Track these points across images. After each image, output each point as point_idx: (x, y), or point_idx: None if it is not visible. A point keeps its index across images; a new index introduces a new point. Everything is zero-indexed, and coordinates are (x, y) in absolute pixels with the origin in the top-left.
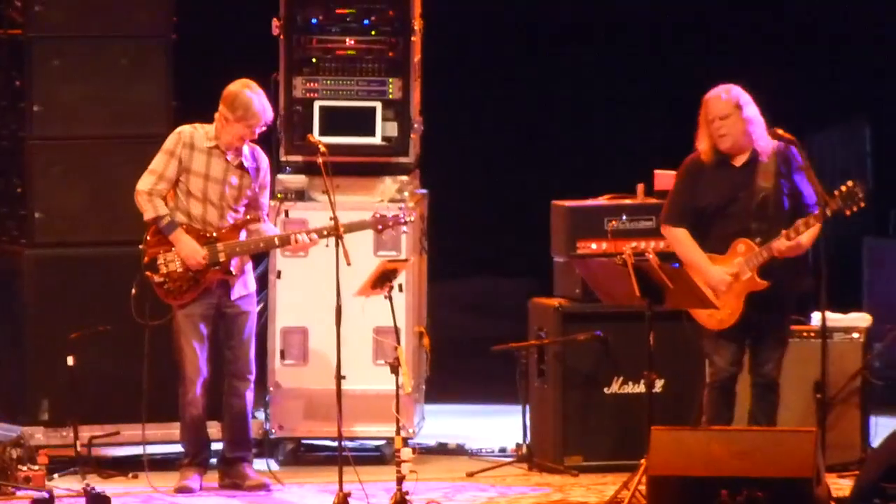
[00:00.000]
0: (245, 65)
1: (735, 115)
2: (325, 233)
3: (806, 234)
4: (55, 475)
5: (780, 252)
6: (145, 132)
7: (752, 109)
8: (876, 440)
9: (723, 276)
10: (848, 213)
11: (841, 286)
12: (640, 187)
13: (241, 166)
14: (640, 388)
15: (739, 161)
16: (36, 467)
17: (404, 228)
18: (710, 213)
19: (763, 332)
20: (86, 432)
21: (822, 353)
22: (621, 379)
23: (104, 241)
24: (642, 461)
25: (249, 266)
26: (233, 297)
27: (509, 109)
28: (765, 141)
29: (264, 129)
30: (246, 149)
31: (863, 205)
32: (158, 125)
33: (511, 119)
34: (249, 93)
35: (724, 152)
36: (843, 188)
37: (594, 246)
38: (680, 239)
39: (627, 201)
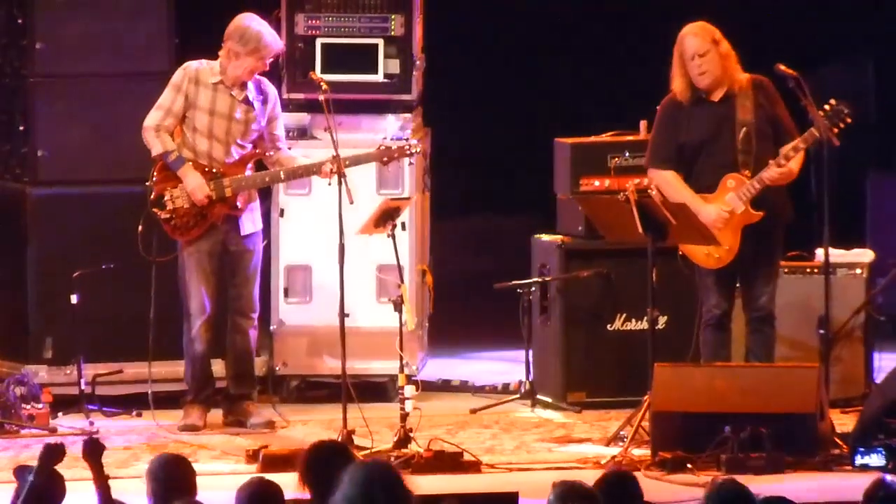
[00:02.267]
0: (247, 2)
1: (713, 51)
2: (330, 165)
3: (795, 160)
4: (59, 413)
5: (772, 181)
6: (147, 69)
7: (725, 44)
8: (879, 376)
9: (720, 213)
10: (835, 130)
11: (844, 221)
12: (643, 124)
13: (246, 101)
14: (643, 324)
15: (717, 96)
16: (40, 406)
17: (410, 159)
18: (693, 150)
19: (755, 267)
20: (90, 370)
21: (826, 288)
22: (624, 315)
23: (107, 179)
24: (645, 397)
25: (256, 203)
26: (242, 233)
27: (512, 47)
28: (739, 73)
29: (272, 59)
30: (251, 83)
31: (849, 121)
32: (160, 62)
33: (513, 56)
34: (257, 24)
35: (703, 90)
36: (827, 107)
37: (597, 183)
38: (668, 180)
39: (630, 138)
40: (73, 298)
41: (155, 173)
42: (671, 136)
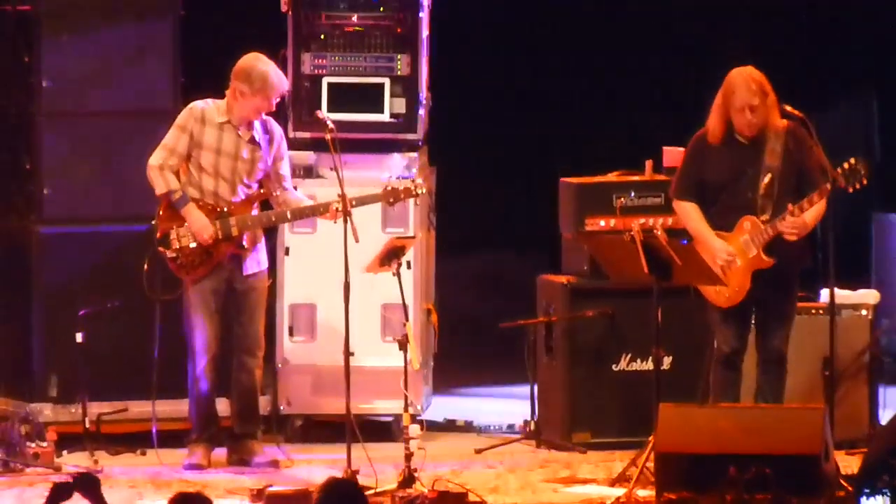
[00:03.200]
0: (253, 41)
1: (763, 104)
2: (336, 205)
3: (810, 213)
4: (64, 452)
5: (785, 230)
6: (153, 108)
7: (772, 94)
8: (884, 417)
9: (724, 247)
10: (850, 190)
11: (849, 262)
12: (649, 164)
13: (252, 140)
14: (648, 364)
15: (748, 138)
16: (45, 444)
17: (416, 201)
18: (715, 188)
19: (769, 308)
20: (94, 408)
21: (831, 329)
22: (629, 355)
23: (112, 217)
24: (650, 438)
25: (262, 242)
26: (245, 273)
27: (517, 86)
28: (778, 120)
29: (278, 99)
30: (257, 123)
31: (865, 182)
32: (166, 101)
33: (519, 96)
34: (263, 64)
35: (740, 133)
36: (846, 165)
37: (602, 223)
38: (688, 212)
39: (636, 178)
40: (78, 336)
41: (160, 212)
42: (696, 172)
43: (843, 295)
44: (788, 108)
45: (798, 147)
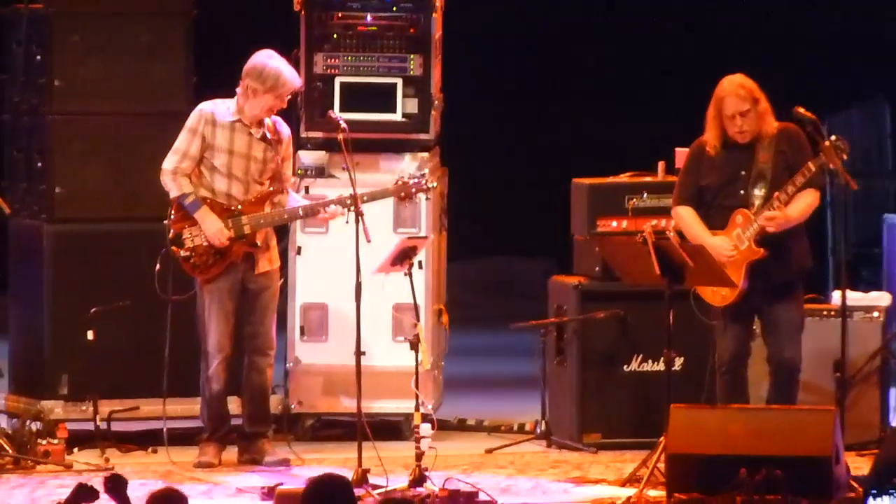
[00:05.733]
0: (265, 41)
1: (753, 110)
2: (348, 202)
3: (795, 206)
4: (75, 449)
5: (763, 222)
6: (165, 108)
7: (764, 100)
8: (895, 419)
9: (723, 243)
10: (832, 165)
11: (861, 265)
12: (661, 165)
13: (264, 138)
14: (660, 366)
15: (743, 142)
16: (56, 441)
17: (427, 196)
18: (712, 191)
19: (775, 320)
20: (105, 407)
21: (842, 331)
22: (640, 357)
23: (124, 217)
24: (661, 439)
25: (274, 241)
26: (257, 272)
27: (530, 88)
28: (772, 124)
29: (290, 97)
30: (268, 121)
31: (845, 157)
32: (178, 102)
33: (531, 97)
34: (275, 62)
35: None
36: (827, 143)
37: (614, 224)
38: (682, 216)
39: (648, 179)
40: (90, 335)
41: (173, 212)
42: (695, 180)
43: (855, 297)
44: (801, 109)
45: (791, 147)
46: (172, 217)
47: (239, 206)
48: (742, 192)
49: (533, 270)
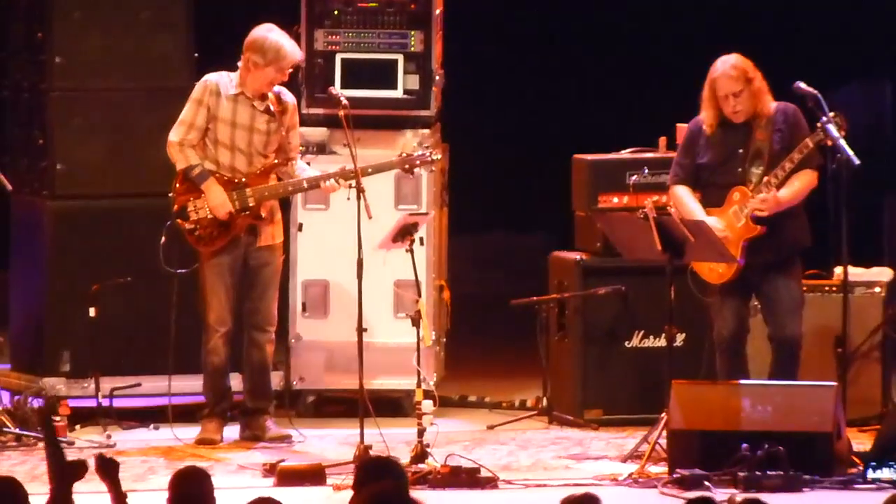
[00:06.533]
0: (266, 17)
1: (747, 90)
2: (352, 175)
3: (787, 190)
4: (77, 426)
5: (754, 204)
6: (166, 84)
7: (758, 78)
8: None
9: (715, 223)
10: (829, 143)
11: (862, 240)
12: (662, 141)
13: (267, 111)
14: (661, 342)
15: (740, 120)
16: (58, 418)
17: (431, 168)
18: (709, 170)
19: (775, 297)
20: (107, 384)
21: (844, 307)
22: (642, 333)
23: (125, 193)
24: (662, 415)
25: (279, 216)
26: (259, 244)
27: (530, 63)
28: (768, 103)
29: (291, 70)
30: (271, 94)
31: (843, 133)
32: (180, 77)
33: (532, 73)
34: (276, 35)
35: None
36: (825, 118)
37: (616, 200)
38: (678, 194)
39: (649, 155)
40: (91, 311)
41: (177, 184)
42: (692, 159)
43: (857, 272)
44: (803, 85)
45: (789, 126)
46: (177, 189)
47: (243, 179)
48: (739, 169)
49: (534, 246)
